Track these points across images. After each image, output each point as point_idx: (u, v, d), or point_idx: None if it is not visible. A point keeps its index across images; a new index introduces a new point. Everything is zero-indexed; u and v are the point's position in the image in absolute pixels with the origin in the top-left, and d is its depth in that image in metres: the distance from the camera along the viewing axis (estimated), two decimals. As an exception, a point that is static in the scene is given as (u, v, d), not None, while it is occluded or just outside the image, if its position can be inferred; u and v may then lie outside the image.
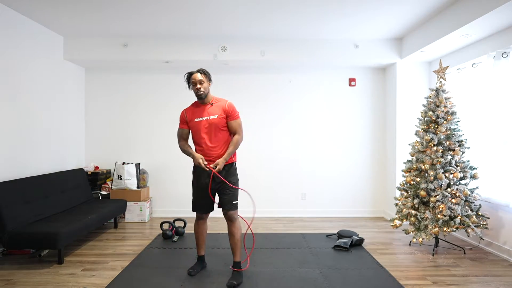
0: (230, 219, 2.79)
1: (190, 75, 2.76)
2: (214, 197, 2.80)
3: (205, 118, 2.72)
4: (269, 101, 5.11)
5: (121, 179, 4.66)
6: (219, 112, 2.74)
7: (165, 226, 4.38)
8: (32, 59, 3.91)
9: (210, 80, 2.79)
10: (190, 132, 2.84)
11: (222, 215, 5.12)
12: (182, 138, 2.84)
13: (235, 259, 2.83)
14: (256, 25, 4.12)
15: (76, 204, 4.08)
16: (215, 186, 2.75)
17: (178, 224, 4.57)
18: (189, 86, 2.80)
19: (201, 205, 2.83)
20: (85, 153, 5.10)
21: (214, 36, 4.50)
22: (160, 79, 5.11)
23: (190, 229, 4.36)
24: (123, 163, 4.76)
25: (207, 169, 2.64)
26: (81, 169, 4.51)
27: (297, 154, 5.11)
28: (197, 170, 2.79)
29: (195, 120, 2.75)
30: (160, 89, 5.11)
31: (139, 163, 4.89)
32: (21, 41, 3.73)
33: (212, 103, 2.78)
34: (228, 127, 2.78)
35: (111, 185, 4.75)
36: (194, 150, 2.82)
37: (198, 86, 2.69)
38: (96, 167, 4.92)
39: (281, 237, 3.98)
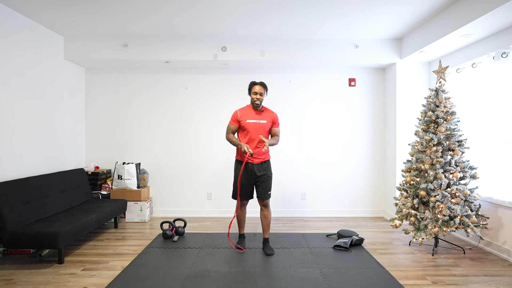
0: (265, 206, 3.46)
1: (253, 84, 3.39)
2: (254, 186, 3.45)
3: (257, 121, 3.38)
4: (268, 101, 5.09)
5: (121, 179, 4.67)
6: (268, 119, 3.43)
7: (165, 226, 4.39)
8: (32, 59, 3.91)
9: (267, 92, 3.42)
10: (238, 129, 3.46)
11: (221, 215, 5.17)
12: (230, 132, 3.45)
13: (265, 235, 3.52)
14: (256, 25, 4.12)
15: (76, 204, 4.08)
16: (255, 178, 3.39)
17: (178, 224, 4.58)
18: (249, 92, 3.41)
19: (246, 193, 3.44)
20: (85, 153, 5.10)
21: (214, 36, 4.50)
22: (160, 79, 5.12)
23: (190, 229, 4.37)
24: (123, 163, 4.76)
25: (248, 153, 3.22)
26: (81, 169, 4.52)
27: (297, 154, 5.12)
28: (241, 165, 3.38)
29: (247, 121, 3.37)
30: (160, 89, 5.11)
31: (139, 163, 4.89)
32: (21, 41, 3.73)
33: (263, 110, 3.45)
34: (271, 131, 3.48)
35: (112, 185, 4.75)
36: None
37: (259, 96, 3.35)
38: (97, 167, 4.93)
39: (281, 237, 3.98)
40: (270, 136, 3.50)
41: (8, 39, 3.54)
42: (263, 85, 3.39)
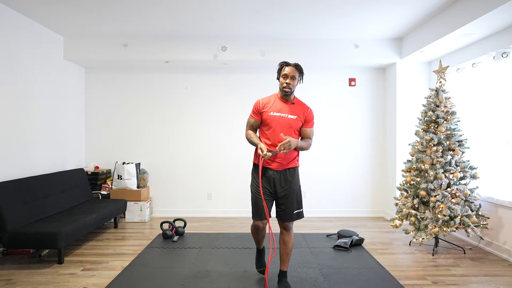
0: (286, 228, 2.59)
1: (285, 65, 2.53)
2: (274, 201, 2.59)
3: (284, 115, 2.51)
4: (269, 101, 5.10)
5: (121, 179, 4.66)
6: (299, 114, 2.55)
7: (165, 226, 4.39)
8: (32, 59, 3.91)
9: (302, 79, 2.58)
10: (260, 125, 2.62)
11: (221, 215, 5.15)
12: (249, 128, 2.63)
13: (283, 268, 2.61)
14: (256, 25, 4.12)
15: (76, 204, 4.08)
16: (277, 190, 2.54)
17: (178, 224, 4.57)
18: (278, 76, 2.57)
19: (263, 211, 2.52)
20: (85, 153, 5.10)
21: (214, 36, 4.50)
22: (160, 79, 5.11)
23: (190, 229, 4.37)
24: (123, 163, 4.76)
25: (262, 155, 2.36)
26: (81, 169, 4.52)
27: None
28: (265, 171, 2.53)
29: (272, 113, 2.52)
30: (160, 89, 5.11)
31: (139, 163, 4.89)
32: (21, 41, 3.73)
33: (294, 103, 2.58)
34: (301, 132, 2.59)
35: (111, 185, 4.75)
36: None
37: (289, 81, 2.49)
38: (96, 167, 4.92)
39: (281, 237, 3.98)
40: (300, 138, 2.61)
41: (8, 39, 3.54)
42: (297, 67, 2.51)
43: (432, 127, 3.51)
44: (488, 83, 3.52)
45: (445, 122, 3.43)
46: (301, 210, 2.62)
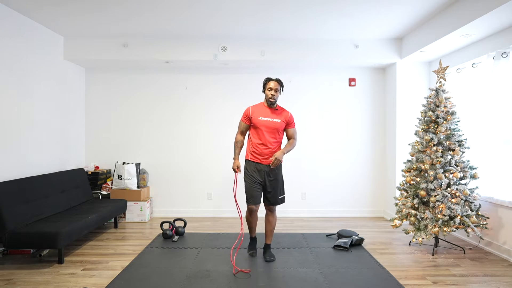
0: (271, 210, 3.27)
1: (269, 80, 3.18)
2: (263, 190, 3.22)
3: (270, 119, 3.16)
4: (269, 101, 5.10)
5: (121, 179, 4.66)
6: (282, 118, 3.21)
7: (165, 226, 4.39)
8: (32, 59, 3.91)
9: (282, 90, 3.22)
10: (250, 128, 3.25)
11: (221, 215, 5.16)
12: (240, 131, 3.29)
13: (267, 241, 3.32)
14: (256, 25, 4.12)
15: (76, 204, 4.08)
16: (266, 181, 3.16)
17: (178, 224, 4.58)
18: (263, 89, 3.22)
19: (255, 197, 3.16)
20: (85, 153, 5.10)
21: (214, 36, 4.50)
22: (160, 79, 5.11)
23: (190, 229, 4.37)
24: (123, 163, 4.76)
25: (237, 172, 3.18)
26: (81, 169, 4.52)
27: (297, 154, 5.11)
28: (252, 166, 3.18)
29: (260, 118, 3.16)
30: (160, 89, 5.11)
31: (139, 163, 4.89)
32: (21, 41, 3.73)
33: (277, 109, 3.24)
34: (286, 133, 3.29)
35: (111, 185, 4.75)
36: (251, 146, 3.22)
37: (274, 93, 3.13)
38: (96, 167, 4.92)
39: (281, 237, 3.98)
40: (286, 137, 3.34)
41: (8, 39, 3.54)
42: (279, 81, 3.17)
43: (432, 127, 3.51)
44: (488, 83, 3.52)
45: (445, 122, 3.43)
46: (284, 196, 3.30)
